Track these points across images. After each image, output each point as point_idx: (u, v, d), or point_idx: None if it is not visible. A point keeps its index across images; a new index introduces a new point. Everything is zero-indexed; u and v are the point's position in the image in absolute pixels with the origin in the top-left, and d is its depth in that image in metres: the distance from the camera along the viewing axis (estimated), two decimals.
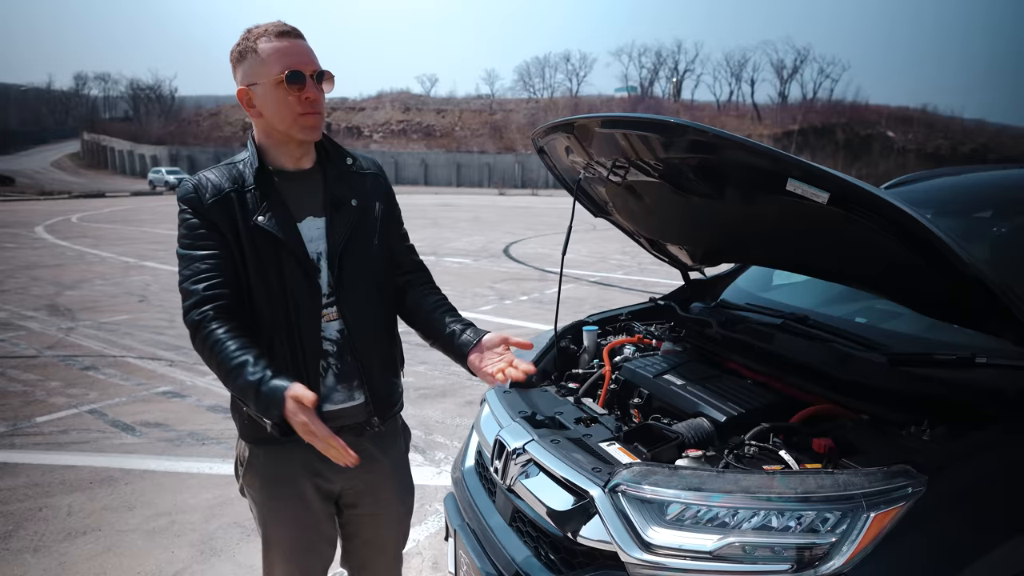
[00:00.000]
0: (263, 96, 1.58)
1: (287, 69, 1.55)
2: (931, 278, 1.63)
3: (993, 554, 1.41)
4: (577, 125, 2.01)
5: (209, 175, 1.65)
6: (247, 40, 1.59)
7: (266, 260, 1.61)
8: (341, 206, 1.72)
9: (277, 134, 1.64)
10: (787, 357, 2.15)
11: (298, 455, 1.70)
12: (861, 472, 1.48)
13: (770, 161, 1.52)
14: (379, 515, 1.94)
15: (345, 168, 1.78)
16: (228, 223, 1.59)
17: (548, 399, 2.29)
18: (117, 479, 3.68)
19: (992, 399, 1.71)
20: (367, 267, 1.75)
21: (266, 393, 1.44)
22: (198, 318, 1.55)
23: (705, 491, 1.51)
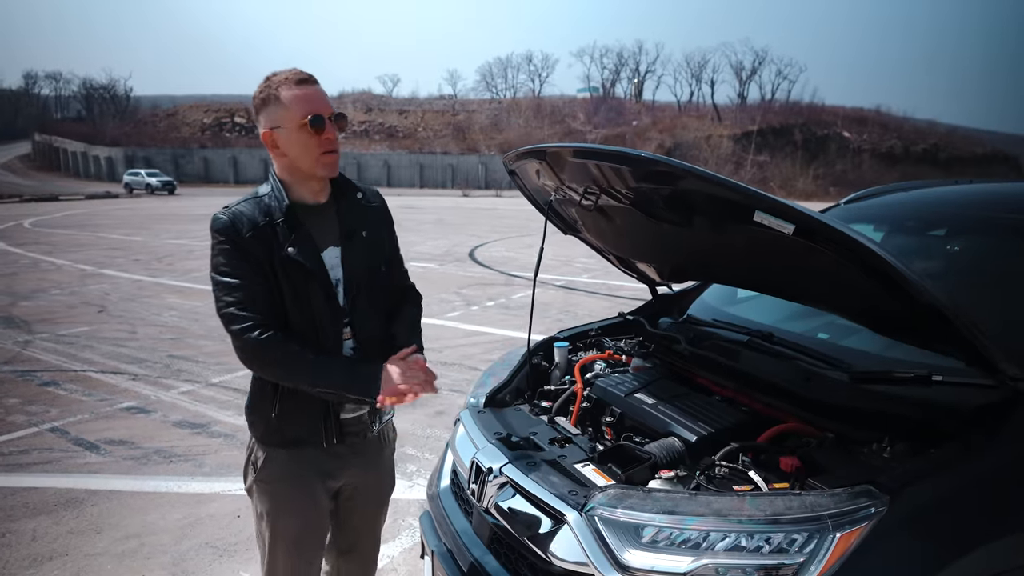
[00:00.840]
0: (287, 138, 1.75)
1: (309, 114, 1.72)
2: (888, 302, 1.71)
3: (950, 569, 1.48)
4: (549, 153, 2.05)
5: (242, 208, 1.79)
6: (269, 87, 1.76)
7: (296, 286, 1.80)
8: (354, 236, 1.91)
9: (300, 172, 1.81)
10: (753, 374, 2.22)
11: (312, 459, 1.92)
12: (827, 493, 1.55)
13: (738, 195, 1.57)
14: (369, 504, 2.15)
15: (356, 201, 1.96)
16: (265, 253, 1.76)
17: (522, 419, 2.33)
18: (83, 500, 3.61)
19: (949, 416, 1.79)
20: (376, 292, 1.97)
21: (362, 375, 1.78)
22: (263, 337, 1.72)
23: (679, 514, 1.56)
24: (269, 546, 1.97)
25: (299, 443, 1.89)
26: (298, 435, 1.88)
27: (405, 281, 2.17)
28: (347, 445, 1.95)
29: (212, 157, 59.35)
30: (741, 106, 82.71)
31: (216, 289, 1.77)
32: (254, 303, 1.74)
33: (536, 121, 76.00)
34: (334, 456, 1.94)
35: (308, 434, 1.88)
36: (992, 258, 2.43)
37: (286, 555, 1.97)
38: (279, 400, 1.85)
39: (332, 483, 1.98)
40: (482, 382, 2.61)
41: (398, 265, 2.13)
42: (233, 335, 1.75)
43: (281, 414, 1.85)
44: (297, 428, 1.87)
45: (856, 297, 1.86)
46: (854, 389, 1.98)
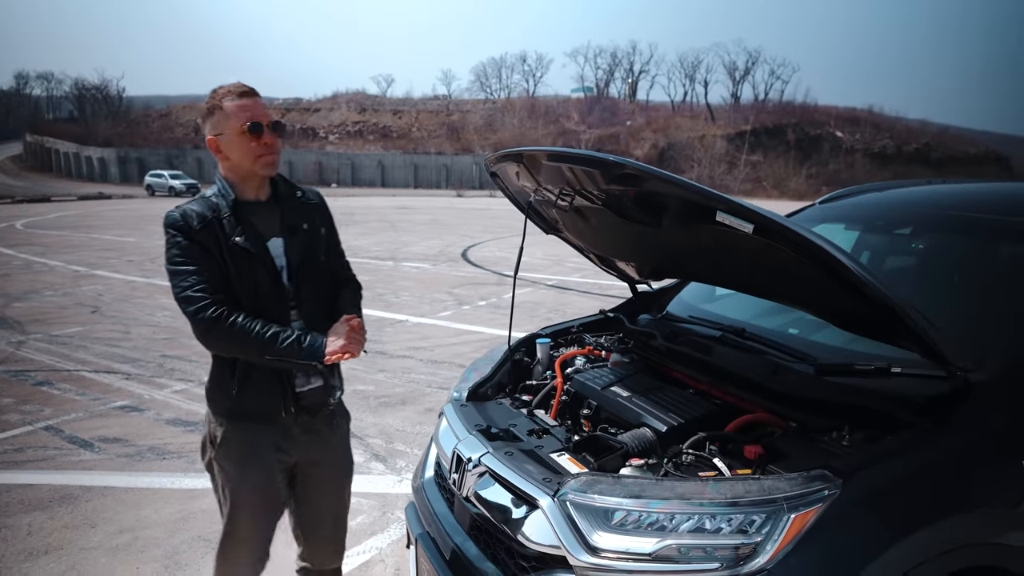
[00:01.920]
0: (229, 143, 2.00)
1: (249, 121, 1.97)
2: (845, 299, 1.80)
3: (897, 548, 1.58)
4: (526, 156, 2.14)
5: (192, 207, 2.00)
6: (214, 99, 2.00)
7: (244, 272, 2.00)
8: (296, 229, 2.13)
9: (241, 172, 2.04)
10: (725, 368, 2.31)
11: (267, 434, 2.11)
12: (784, 477, 1.64)
13: (699, 196, 1.66)
14: (325, 483, 2.30)
15: (296, 199, 2.19)
16: (214, 243, 1.96)
17: (503, 412, 2.42)
18: (77, 496, 3.68)
19: (905, 406, 1.88)
20: (318, 277, 2.18)
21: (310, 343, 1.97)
22: (215, 314, 1.92)
23: (644, 498, 1.65)
24: (228, 517, 2.16)
25: (259, 417, 2.08)
26: (258, 408, 2.07)
27: (347, 273, 2.35)
28: (300, 425, 2.13)
29: (206, 158, 59.05)
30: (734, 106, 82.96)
31: (171, 278, 1.97)
32: (206, 286, 1.93)
33: (530, 121, 76.10)
34: (288, 434, 2.13)
35: (267, 407, 2.07)
36: (953, 255, 2.53)
37: (243, 524, 2.16)
38: (239, 378, 2.03)
39: (285, 458, 2.15)
40: (465, 377, 2.69)
41: (339, 258, 2.31)
42: (189, 316, 1.94)
43: (241, 390, 2.04)
44: (257, 402, 2.06)
45: (817, 294, 1.95)
46: (818, 381, 2.07)
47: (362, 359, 6.43)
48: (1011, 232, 2.42)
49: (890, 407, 1.90)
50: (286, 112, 78.23)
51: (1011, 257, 2.40)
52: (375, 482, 3.95)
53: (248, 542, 2.19)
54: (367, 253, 15.13)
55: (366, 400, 5.37)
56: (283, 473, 2.18)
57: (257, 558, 2.22)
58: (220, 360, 2.07)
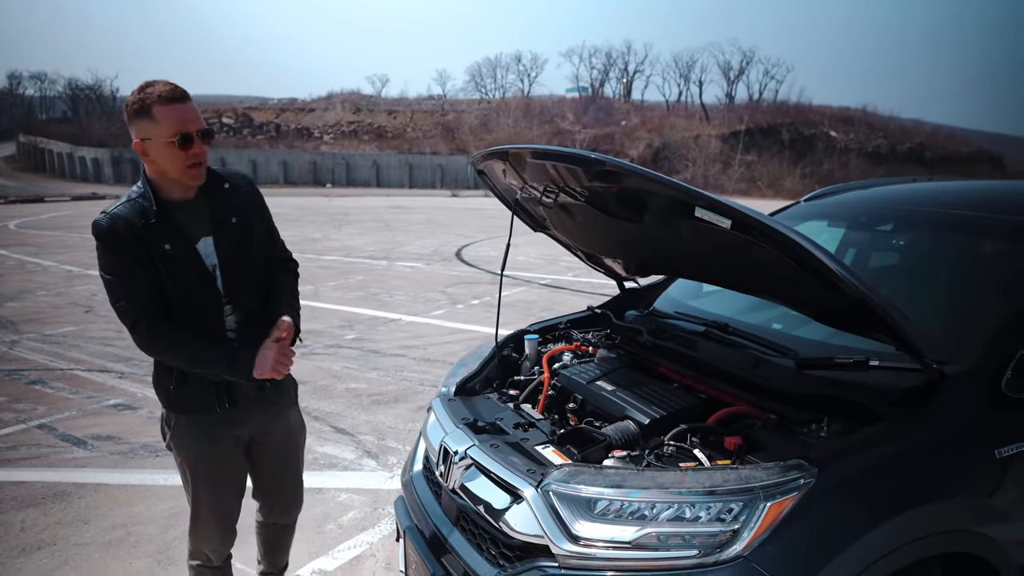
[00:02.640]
0: (156, 150, 1.95)
1: (178, 132, 1.92)
2: (822, 293, 1.84)
3: (870, 535, 1.62)
4: (511, 154, 2.17)
5: (119, 211, 1.98)
6: (143, 101, 1.92)
7: (176, 275, 2.02)
8: (223, 225, 2.13)
9: (168, 177, 2.02)
10: (709, 362, 2.35)
11: (213, 417, 2.16)
12: (761, 467, 1.68)
13: (677, 192, 1.70)
14: (278, 447, 2.40)
15: (223, 192, 2.16)
16: (143, 250, 1.97)
17: (490, 406, 2.45)
18: (70, 493, 3.71)
19: (881, 398, 1.92)
20: (250, 270, 2.20)
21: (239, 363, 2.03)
22: (146, 327, 1.98)
23: (625, 487, 1.69)
24: (192, 493, 2.26)
25: (197, 410, 2.14)
26: (195, 404, 2.13)
27: (283, 254, 2.39)
28: (240, 407, 2.18)
29: None
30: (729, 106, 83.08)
31: (105, 287, 2.01)
32: (137, 297, 1.98)
33: (525, 121, 76.11)
34: (234, 412, 2.18)
35: (203, 403, 2.13)
36: (932, 251, 2.58)
37: (207, 499, 2.26)
38: (176, 376, 2.09)
39: (239, 431, 2.24)
40: (453, 372, 2.73)
41: (274, 241, 2.34)
42: (127, 327, 2.01)
43: (178, 386, 2.10)
44: (193, 398, 2.12)
45: (796, 289, 1.99)
46: (799, 374, 2.12)
47: (355, 357, 6.47)
48: (990, 228, 2.47)
49: (867, 399, 1.94)
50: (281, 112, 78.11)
51: (989, 253, 2.45)
52: (367, 478, 3.99)
53: (213, 517, 2.28)
54: (361, 253, 15.14)
55: (359, 398, 5.40)
56: (239, 447, 2.28)
57: (224, 532, 2.33)
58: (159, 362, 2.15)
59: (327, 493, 3.76)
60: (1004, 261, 2.37)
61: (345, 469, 4.10)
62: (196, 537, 2.34)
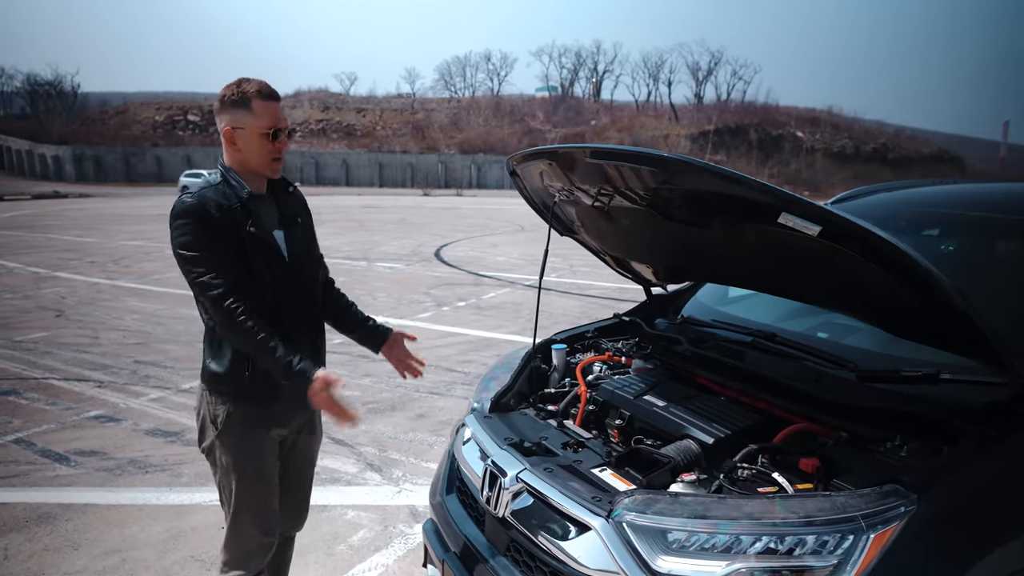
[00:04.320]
0: (247, 140, 2.06)
1: (272, 126, 2.06)
2: (906, 303, 1.72)
3: (978, 566, 1.50)
4: (560, 154, 2.02)
5: (206, 193, 2.03)
6: (243, 93, 2.04)
7: (259, 260, 2.08)
8: (292, 223, 2.23)
9: (249, 168, 2.11)
10: (760, 375, 2.23)
11: (267, 412, 2.17)
12: (856, 493, 1.55)
13: (770, 196, 1.56)
14: (304, 452, 2.43)
15: (290, 193, 2.28)
16: (233, 231, 2.02)
17: (529, 423, 2.30)
18: (56, 515, 3.46)
19: (958, 414, 1.81)
20: (315, 269, 2.32)
21: (299, 370, 1.97)
22: (232, 305, 1.96)
23: (711, 518, 1.55)
24: (237, 493, 2.19)
25: (265, 394, 2.13)
26: (265, 387, 2.11)
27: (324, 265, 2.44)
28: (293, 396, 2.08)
29: (165, 156, 57.83)
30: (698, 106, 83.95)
31: (187, 264, 2.00)
32: (226, 270, 1.98)
33: (496, 120, 76.02)
34: (284, 409, 2.20)
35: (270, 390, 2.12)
36: (986, 257, 2.48)
37: (253, 498, 2.21)
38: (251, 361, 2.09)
39: (280, 431, 2.25)
40: (484, 386, 2.57)
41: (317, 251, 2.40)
42: (209, 301, 1.98)
43: (252, 373, 2.10)
44: (262, 385, 2.10)
45: (870, 297, 1.87)
46: (862, 388, 2.00)
47: (344, 363, 6.26)
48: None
49: (945, 415, 1.83)
50: None
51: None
52: (372, 493, 3.80)
53: (259, 516, 2.23)
54: (339, 253, 14.85)
55: (354, 406, 5.19)
56: (278, 445, 2.28)
57: (266, 532, 2.25)
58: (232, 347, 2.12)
59: (333, 510, 3.57)
60: None
61: (348, 484, 3.91)
62: (238, 543, 2.25)
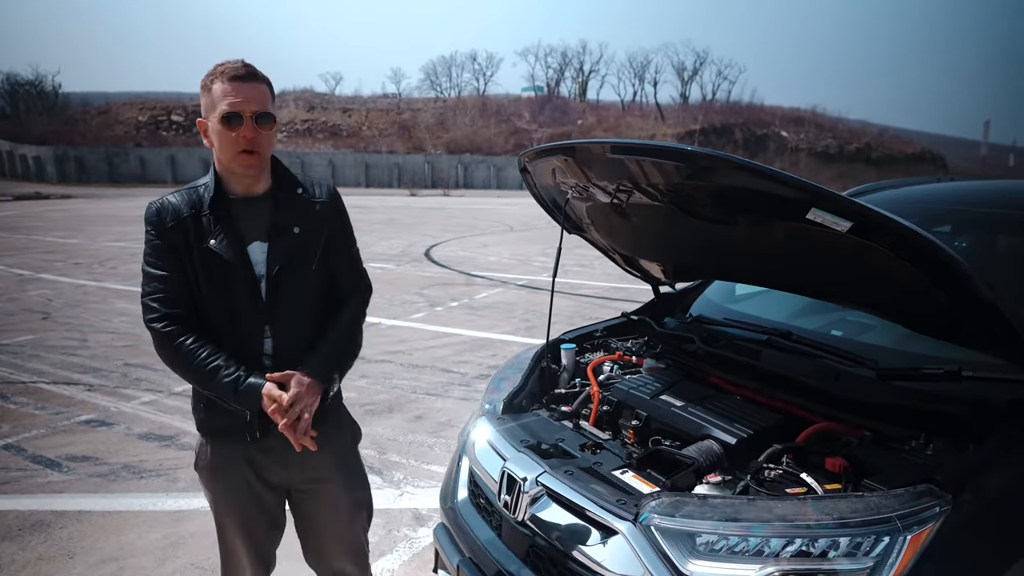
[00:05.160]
0: (212, 130, 1.81)
1: (228, 110, 1.75)
2: (933, 299, 1.70)
3: (1018, 566, 1.47)
4: (579, 149, 1.98)
5: (171, 199, 1.85)
6: (208, 78, 1.80)
7: (217, 279, 1.82)
8: (283, 233, 1.89)
9: (223, 164, 1.85)
10: (777, 373, 2.19)
11: (240, 449, 1.93)
12: (889, 494, 1.52)
13: (800, 192, 1.53)
14: (327, 505, 2.07)
15: (295, 196, 1.94)
16: (184, 245, 1.81)
17: (544, 424, 2.25)
18: (50, 523, 3.38)
19: (982, 412, 1.79)
20: (300, 289, 1.92)
21: (244, 391, 1.76)
22: (165, 330, 1.79)
23: (743, 521, 1.51)
24: (218, 531, 2.06)
25: (224, 434, 1.93)
26: (222, 426, 1.91)
27: (353, 282, 2.08)
28: (280, 439, 1.83)
29: (149, 157, 57.17)
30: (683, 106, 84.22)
31: (142, 279, 1.85)
32: (165, 294, 1.80)
33: (482, 120, 75.86)
34: (265, 449, 1.94)
35: (232, 427, 1.89)
36: (998, 254, 2.47)
37: (232, 541, 2.04)
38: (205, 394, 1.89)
39: (266, 474, 1.97)
40: (495, 387, 2.53)
41: (345, 263, 2.05)
42: (145, 324, 1.83)
43: (208, 405, 1.90)
44: (221, 419, 1.90)
45: (895, 293, 1.84)
46: (883, 386, 1.97)
47: None
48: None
49: (969, 413, 1.80)
50: None
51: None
52: (374, 497, 3.73)
53: (240, 560, 2.07)
54: None
55: (351, 408, 5.09)
56: (269, 491, 2.00)
57: (256, 570, 2.10)
58: None
59: None
60: None
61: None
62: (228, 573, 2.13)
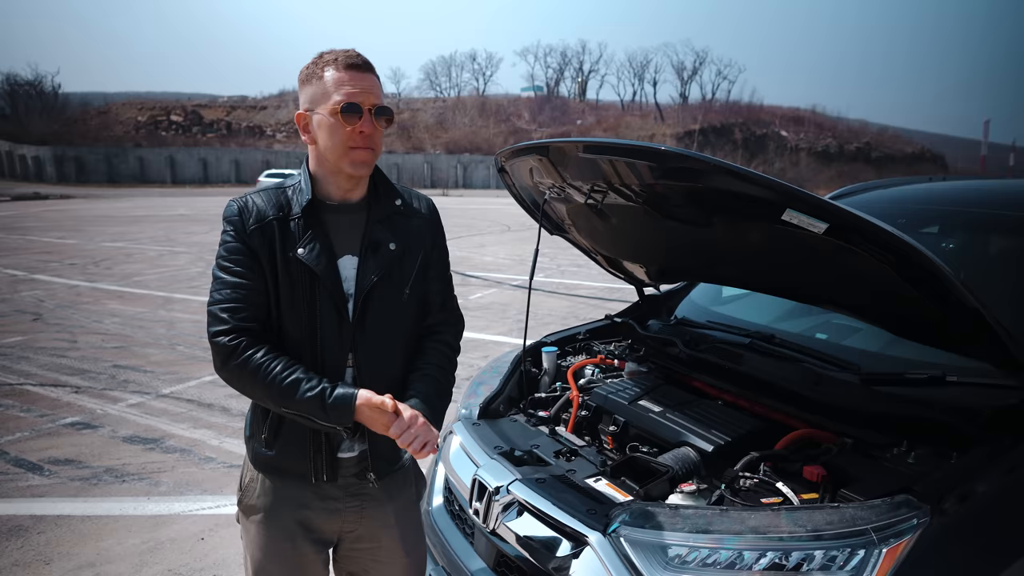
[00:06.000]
0: (319, 124, 1.57)
1: (345, 100, 1.53)
2: (915, 304, 1.65)
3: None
4: (552, 149, 1.93)
5: (256, 199, 1.62)
6: (316, 65, 1.58)
7: (300, 293, 1.59)
8: (378, 248, 1.66)
9: (328, 164, 1.61)
10: (759, 378, 2.15)
11: (294, 492, 1.68)
12: (866, 505, 1.47)
13: (773, 192, 1.48)
14: (380, 564, 1.79)
15: (393, 208, 1.72)
16: (267, 251, 1.57)
17: (520, 430, 2.21)
18: (28, 528, 3.33)
19: (967, 419, 1.74)
20: (392, 313, 1.67)
21: (336, 401, 1.49)
22: (233, 343, 1.52)
23: (715, 533, 1.47)
24: None
25: (285, 473, 1.67)
26: (286, 465, 1.66)
27: (444, 302, 1.81)
28: (340, 487, 1.68)
29: (148, 157, 57.14)
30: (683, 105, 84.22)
31: (212, 282, 1.59)
32: (240, 306, 1.54)
33: (481, 120, 75.87)
34: (322, 495, 1.68)
35: (297, 465, 1.64)
36: (986, 255, 2.42)
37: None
38: (271, 422, 1.64)
39: (318, 524, 1.69)
40: (473, 391, 2.48)
41: (439, 289, 1.79)
42: (208, 337, 1.55)
43: (271, 437, 1.64)
44: (286, 458, 1.65)
45: (876, 296, 1.79)
46: (866, 391, 1.92)
47: None
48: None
49: (954, 420, 1.75)
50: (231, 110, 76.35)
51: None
52: None
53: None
54: None
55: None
56: (315, 543, 1.70)
57: None
58: None
59: None
60: None
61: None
62: None
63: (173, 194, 42.65)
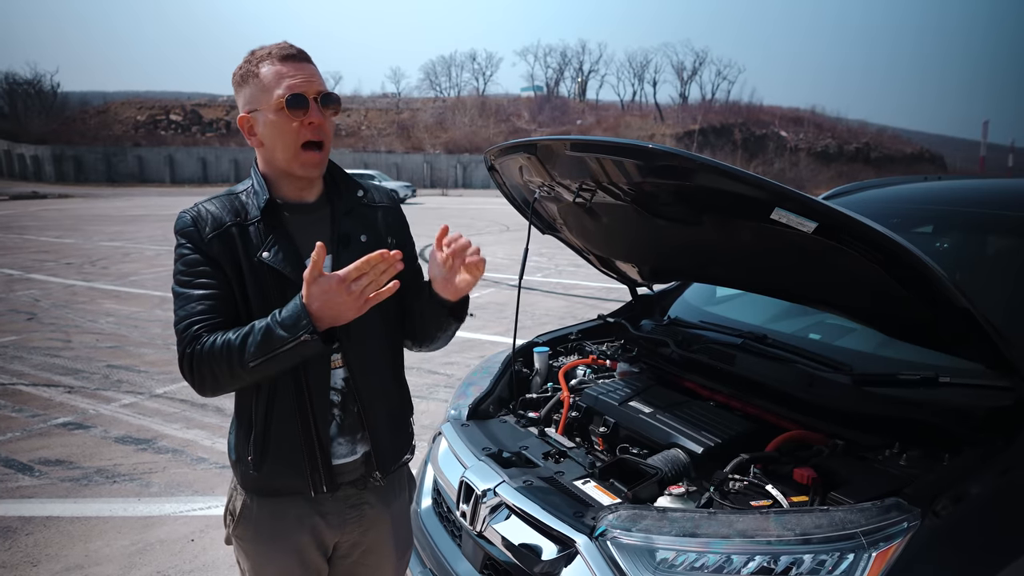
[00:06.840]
0: (264, 124, 1.49)
1: (288, 92, 1.45)
2: (907, 304, 1.62)
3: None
4: (540, 146, 1.91)
5: (209, 206, 1.53)
6: (250, 63, 1.50)
7: (271, 299, 1.48)
8: (349, 242, 1.60)
9: (278, 165, 1.54)
10: (752, 379, 2.12)
11: (293, 510, 1.61)
12: (855, 508, 1.45)
13: (761, 191, 1.46)
14: (370, 568, 1.76)
15: (355, 201, 1.66)
16: (229, 259, 1.49)
17: (509, 431, 2.18)
18: (16, 529, 3.30)
19: (960, 420, 1.72)
20: (377, 309, 1.52)
21: (285, 311, 1.38)
22: (189, 351, 1.43)
23: (702, 536, 1.44)
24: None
25: (280, 492, 1.59)
26: (280, 484, 1.58)
27: (418, 279, 1.76)
28: (340, 498, 1.63)
29: (147, 156, 57.06)
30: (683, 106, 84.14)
31: (174, 301, 1.49)
32: (209, 318, 1.45)
33: (481, 120, 75.79)
34: (324, 510, 1.62)
35: (292, 483, 1.57)
36: (980, 254, 2.40)
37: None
38: (255, 440, 1.54)
39: (322, 537, 1.64)
40: (462, 392, 2.45)
41: (411, 273, 1.71)
42: (178, 355, 1.46)
43: (259, 458, 1.54)
44: (278, 475, 1.56)
45: (867, 297, 1.77)
46: (859, 392, 1.90)
47: None
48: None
49: (946, 421, 1.73)
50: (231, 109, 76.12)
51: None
52: None
53: None
54: None
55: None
56: (319, 553, 1.66)
57: None
58: (238, 418, 1.60)
59: None
60: None
61: None
62: None
63: (172, 193, 42.59)
